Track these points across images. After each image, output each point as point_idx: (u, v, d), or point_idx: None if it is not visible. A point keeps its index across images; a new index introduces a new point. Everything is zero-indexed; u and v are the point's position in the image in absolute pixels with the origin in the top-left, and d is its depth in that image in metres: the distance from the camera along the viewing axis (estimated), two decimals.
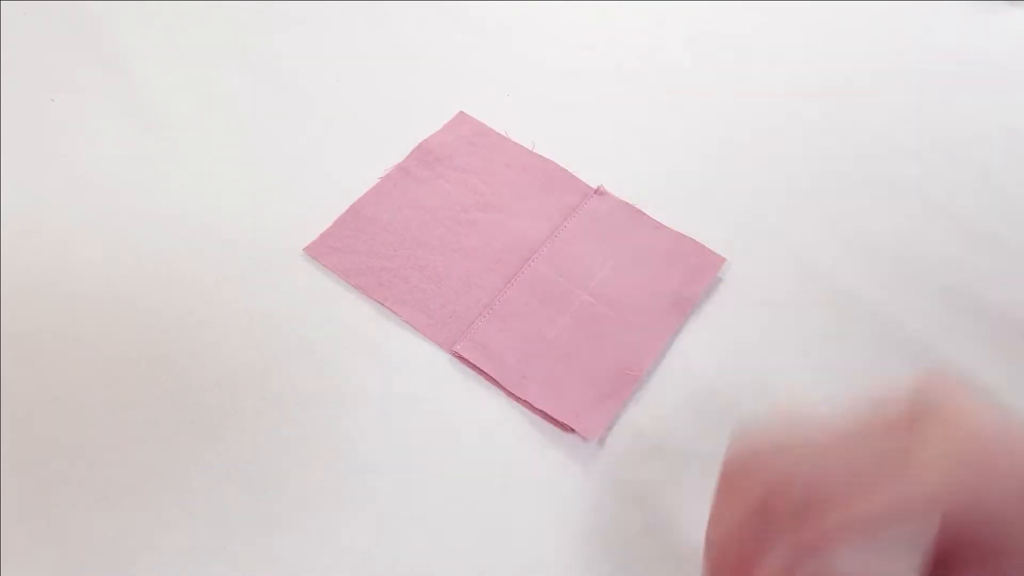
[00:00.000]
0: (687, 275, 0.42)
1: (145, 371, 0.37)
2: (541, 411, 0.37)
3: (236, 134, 0.46)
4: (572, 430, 0.36)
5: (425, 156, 0.46)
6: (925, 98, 0.53)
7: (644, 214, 0.44)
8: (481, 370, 0.38)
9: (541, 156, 0.46)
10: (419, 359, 0.38)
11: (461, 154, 0.46)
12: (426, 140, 0.47)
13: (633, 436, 0.36)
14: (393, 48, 0.52)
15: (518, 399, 0.37)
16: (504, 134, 0.48)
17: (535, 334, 0.39)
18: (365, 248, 0.42)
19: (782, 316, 0.41)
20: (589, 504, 0.34)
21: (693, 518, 0.34)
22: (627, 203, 0.44)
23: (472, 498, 0.34)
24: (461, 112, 0.48)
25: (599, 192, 0.45)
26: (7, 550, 0.32)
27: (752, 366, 0.39)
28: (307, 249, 0.41)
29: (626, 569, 0.33)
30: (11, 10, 0.51)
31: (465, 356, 0.38)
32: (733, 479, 0.26)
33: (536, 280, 0.41)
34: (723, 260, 0.42)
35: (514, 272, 0.41)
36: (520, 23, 0.55)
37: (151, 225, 0.42)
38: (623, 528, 0.34)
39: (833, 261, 0.43)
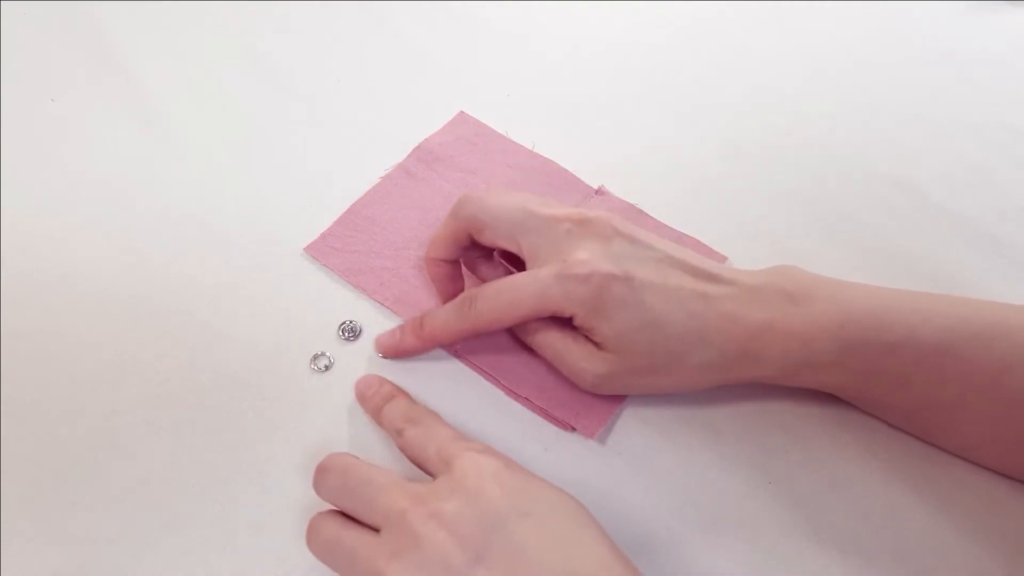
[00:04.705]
0: None
1: (145, 371, 0.37)
2: (542, 409, 0.37)
3: (236, 134, 0.47)
4: (573, 428, 0.36)
5: (425, 156, 0.46)
6: (925, 98, 0.53)
7: (645, 213, 0.44)
8: (482, 368, 0.38)
9: (542, 156, 0.46)
10: (419, 359, 0.38)
11: (461, 154, 0.46)
12: (426, 140, 0.47)
13: (634, 435, 0.36)
14: (393, 48, 0.52)
15: (518, 397, 0.37)
16: (504, 134, 0.48)
17: None
18: (365, 248, 0.42)
19: None
20: (590, 504, 0.34)
21: (696, 518, 0.34)
22: (628, 203, 0.44)
23: None
24: (461, 112, 0.48)
25: (600, 192, 0.45)
26: (7, 550, 0.32)
27: None
28: (307, 249, 0.41)
29: None
30: (11, 10, 0.51)
31: (466, 355, 0.38)
32: None
33: None
34: (724, 259, 0.42)
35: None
36: (520, 23, 0.55)
37: (151, 225, 0.42)
38: (624, 528, 0.34)
39: (833, 259, 0.43)
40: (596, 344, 0.34)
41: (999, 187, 0.48)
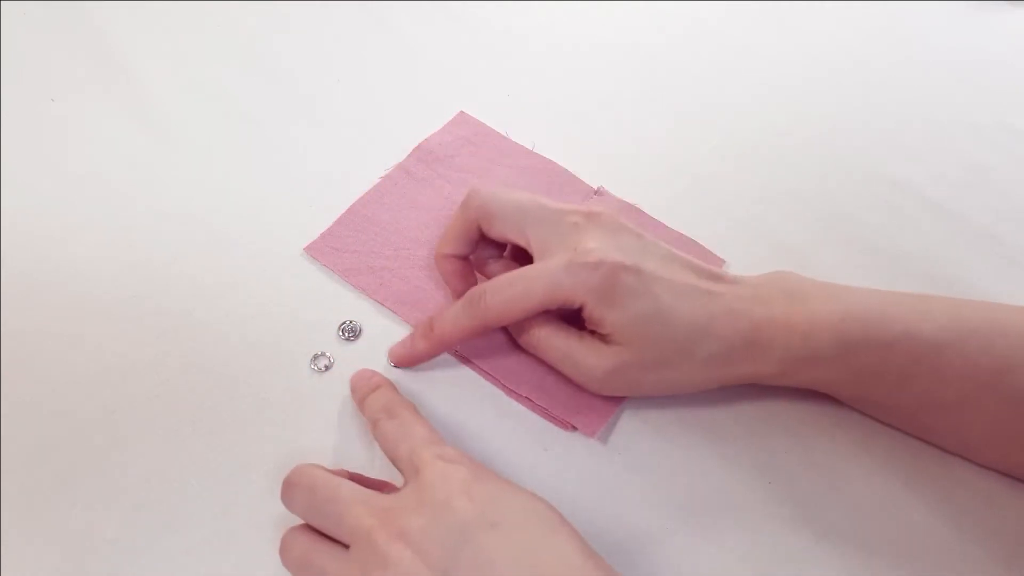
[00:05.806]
0: None
1: (145, 371, 0.37)
2: (542, 408, 0.37)
3: (236, 134, 0.47)
4: (573, 428, 0.36)
5: (425, 156, 0.46)
6: (925, 98, 0.53)
7: (645, 214, 0.44)
8: (482, 369, 0.38)
9: (541, 156, 0.46)
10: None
11: (461, 154, 0.46)
12: (426, 140, 0.47)
13: (635, 435, 0.36)
14: (393, 48, 0.52)
15: (519, 397, 0.37)
16: (504, 134, 0.48)
17: None
18: (365, 248, 0.42)
19: None
20: (592, 503, 0.34)
21: (696, 518, 0.34)
22: (627, 203, 0.44)
23: None
24: (461, 112, 0.48)
25: (599, 192, 0.45)
26: (7, 550, 0.32)
27: None
28: (307, 249, 0.41)
29: (629, 568, 0.33)
30: (11, 10, 0.51)
31: (465, 355, 0.38)
32: None
33: None
34: (722, 261, 0.42)
35: None
36: (520, 23, 0.55)
37: (151, 225, 0.42)
38: (624, 527, 0.34)
39: (833, 261, 0.43)
40: (603, 339, 0.34)
41: (999, 187, 0.48)
